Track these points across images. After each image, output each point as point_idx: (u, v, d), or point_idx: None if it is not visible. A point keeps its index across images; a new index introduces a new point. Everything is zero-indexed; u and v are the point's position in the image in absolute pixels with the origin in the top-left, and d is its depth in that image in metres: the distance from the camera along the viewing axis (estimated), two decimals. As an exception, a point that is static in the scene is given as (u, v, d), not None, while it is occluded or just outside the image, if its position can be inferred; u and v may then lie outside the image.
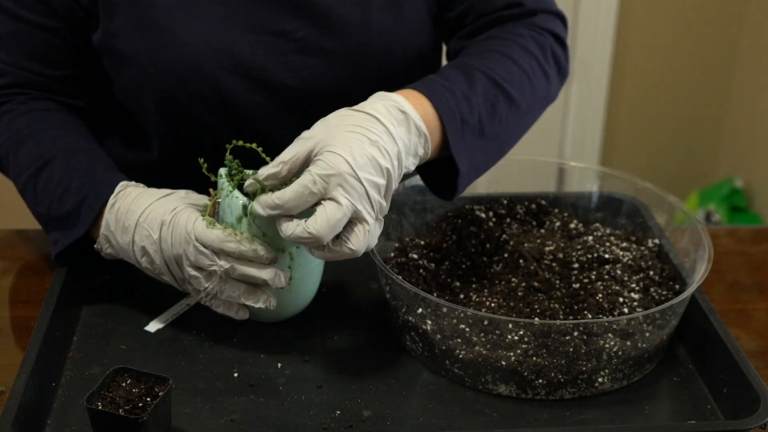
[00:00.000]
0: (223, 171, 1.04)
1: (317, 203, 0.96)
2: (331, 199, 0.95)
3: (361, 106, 1.03)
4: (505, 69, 1.14)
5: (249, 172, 1.04)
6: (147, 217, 1.05)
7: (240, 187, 1.03)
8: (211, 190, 1.05)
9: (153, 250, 1.04)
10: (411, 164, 1.04)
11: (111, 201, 1.09)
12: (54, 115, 1.20)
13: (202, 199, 1.08)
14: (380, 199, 0.98)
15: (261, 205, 0.98)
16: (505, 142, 1.16)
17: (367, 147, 0.97)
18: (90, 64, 1.22)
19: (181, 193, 1.08)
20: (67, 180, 1.12)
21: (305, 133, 1.00)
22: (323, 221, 0.94)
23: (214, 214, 1.04)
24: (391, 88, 1.07)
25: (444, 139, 1.07)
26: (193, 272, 1.02)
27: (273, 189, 0.99)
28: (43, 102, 1.21)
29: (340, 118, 1.01)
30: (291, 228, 0.96)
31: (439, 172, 1.13)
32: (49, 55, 1.20)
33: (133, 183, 1.11)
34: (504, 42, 1.19)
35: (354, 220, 0.97)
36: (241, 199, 1.01)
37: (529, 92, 1.16)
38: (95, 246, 1.11)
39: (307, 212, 0.97)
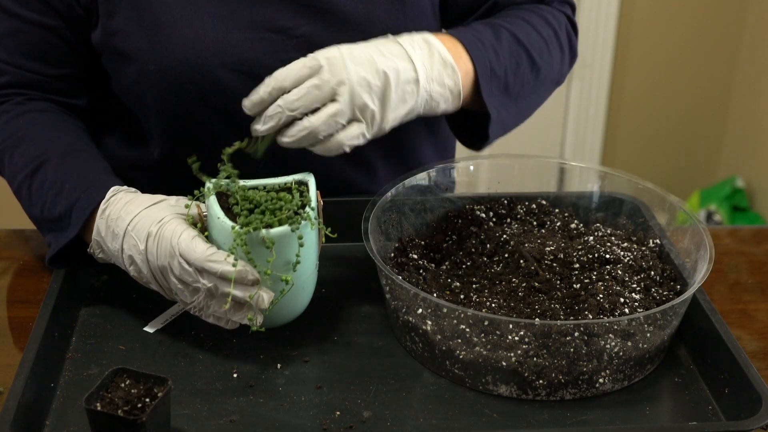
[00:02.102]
0: (209, 184, 1.03)
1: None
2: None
3: None
4: (527, 33, 1.18)
5: (224, 182, 1.03)
6: (135, 226, 1.04)
7: (218, 195, 1.03)
8: (197, 203, 1.05)
9: (140, 260, 1.04)
10: (437, 94, 1.06)
11: (102, 206, 1.08)
12: (51, 117, 1.20)
13: (193, 208, 1.06)
14: (370, 98, 1.00)
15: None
16: (524, 108, 1.19)
17: (367, 49, 1.00)
18: (89, 62, 1.22)
19: (171, 200, 1.08)
20: (60, 182, 1.12)
21: None
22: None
23: (200, 223, 1.04)
24: None
25: (475, 83, 1.09)
26: (179, 285, 1.02)
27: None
28: (41, 103, 1.21)
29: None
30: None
31: (469, 123, 1.15)
32: (48, 54, 1.19)
33: (124, 188, 1.10)
34: (523, 11, 1.24)
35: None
36: (223, 221, 1.00)
37: (546, 59, 1.20)
38: (88, 250, 1.11)
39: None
